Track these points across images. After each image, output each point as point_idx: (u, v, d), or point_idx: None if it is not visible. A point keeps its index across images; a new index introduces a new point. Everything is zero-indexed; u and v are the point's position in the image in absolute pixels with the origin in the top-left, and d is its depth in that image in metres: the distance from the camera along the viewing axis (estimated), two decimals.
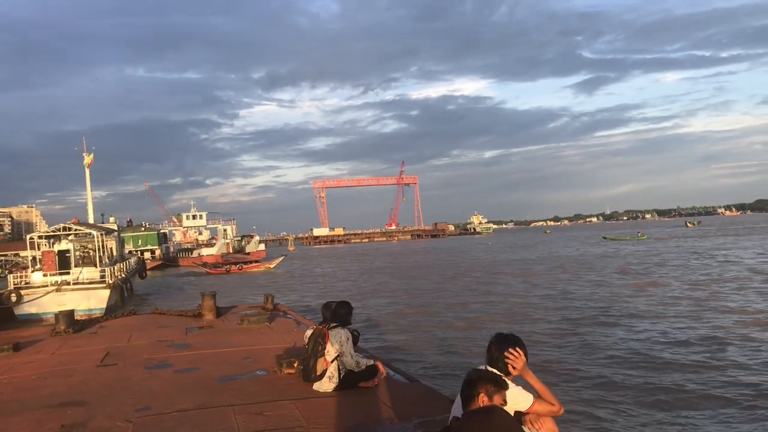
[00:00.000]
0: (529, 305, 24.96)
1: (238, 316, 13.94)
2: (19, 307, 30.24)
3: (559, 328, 19.09)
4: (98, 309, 31.43)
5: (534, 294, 28.93)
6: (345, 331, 6.99)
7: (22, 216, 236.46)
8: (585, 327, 19.00)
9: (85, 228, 37.31)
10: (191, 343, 10.85)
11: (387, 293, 33.62)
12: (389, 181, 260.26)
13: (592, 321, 20.15)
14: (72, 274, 32.20)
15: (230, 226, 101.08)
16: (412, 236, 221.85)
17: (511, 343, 3.98)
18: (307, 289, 40.25)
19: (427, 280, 40.87)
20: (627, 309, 22.49)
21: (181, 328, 12.63)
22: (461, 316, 22.76)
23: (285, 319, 13.71)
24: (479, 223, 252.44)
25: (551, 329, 18.87)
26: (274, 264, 69.86)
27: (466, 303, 26.93)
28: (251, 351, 9.72)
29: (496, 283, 35.93)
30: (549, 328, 19.06)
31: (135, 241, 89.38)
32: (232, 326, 12.67)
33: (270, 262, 70.97)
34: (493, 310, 24.13)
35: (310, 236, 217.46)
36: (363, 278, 47.10)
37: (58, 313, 13.14)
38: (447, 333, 19.21)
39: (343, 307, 7.23)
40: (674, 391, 11.39)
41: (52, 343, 11.80)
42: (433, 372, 13.34)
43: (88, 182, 47.76)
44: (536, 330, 18.70)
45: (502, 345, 3.97)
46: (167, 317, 14.81)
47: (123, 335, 12.18)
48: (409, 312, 25.10)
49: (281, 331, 11.81)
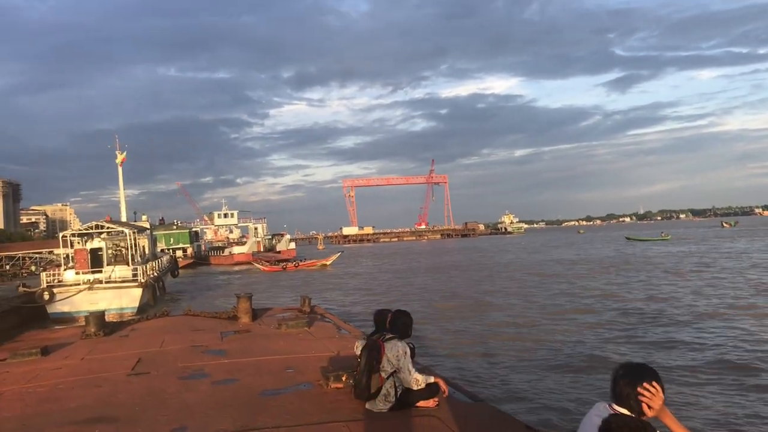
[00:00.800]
0: (586, 310, 23.36)
1: (275, 320, 13.25)
2: (52, 305, 30.08)
3: (635, 337, 17.29)
4: (130, 308, 31.18)
5: (586, 296, 27.51)
6: (403, 344, 6.16)
7: (56, 214, 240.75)
8: (662, 335, 17.61)
9: (118, 226, 37.12)
10: (227, 349, 10.15)
11: (428, 294, 32.51)
12: (419, 180, 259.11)
13: (665, 327, 18.87)
14: (104, 272, 31.98)
15: (261, 225, 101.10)
16: (442, 236, 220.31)
17: (647, 377, 3.12)
18: (342, 289, 39.56)
19: (468, 281, 39.66)
20: (693, 311, 21.36)
21: (215, 332, 11.96)
22: (515, 323, 21.15)
23: (324, 323, 12.97)
24: (510, 222, 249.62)
25: (626, 338, 17.29)
26: (330, 261, 67.92)
27: (515, 306, 25.64)
28: (292, 360, 8.97)
29: (542, 284, 34.41)
30: (622, 337, 17.35)
31: (167, 239, 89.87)
32: (269, 331, 11.96)
33: (326, 259, 69.00)
34: (547, 317, 22.54)
35: (339, 235, 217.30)
36: (399, 278, 46.13)
37: (88, 315, 12.58)
38: (504, 343, 17.54)
39: (402, 316, 6.39)
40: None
41: (82, 347, 11.23)
42: (497, 390, 12.06)
43: (121, 180, 47.84)
44: (607, 340, 17.10)
45: (634, 379, 3.11)
46: (201, 319, 14.19)
47: (155, 339, 11.56)
48: (456, 316, 23.81)
49: (322, 336, 11.06)
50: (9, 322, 28.35)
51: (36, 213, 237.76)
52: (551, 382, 12.28)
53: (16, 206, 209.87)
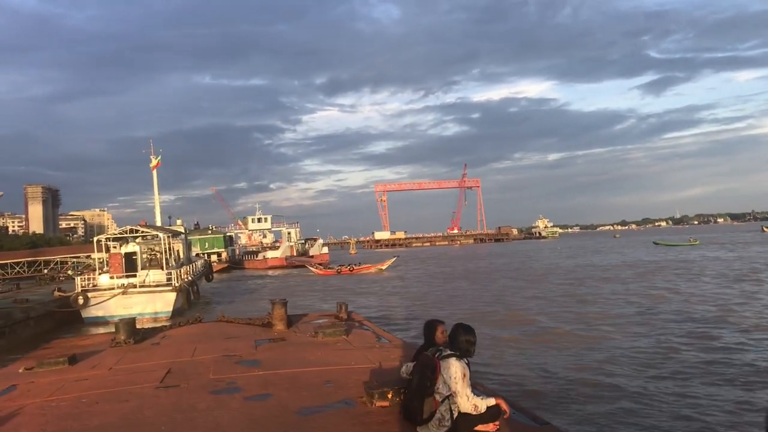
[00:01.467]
0: (648, 318, 21.93)
1: (311, 327, 12.61)
2: (86, 309, 30.03)
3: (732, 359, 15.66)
4: (164, 312, 30.98)
5: (640, 304, 26.19)
6: (461, 365, 5.41)
7: (94, 219, 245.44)
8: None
9: (152, 230, 37.08)
10: (262, 359, 9.53)
11: (470, 300, 31.58)
12: (451, 185, 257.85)
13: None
14: (138, 276, 31.85)
15: (294, 229, 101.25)
16: (475, 240, 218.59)
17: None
18: (377, 294, 38.90)
19: (510, 287, 38.45)
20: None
21: (249, 340, 11.37)
22: (572, 331, 19.79)
23: (362, 331, 12.28)
24: (545, 227, 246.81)
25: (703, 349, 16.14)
26: (386, 265, 65.51)
27: (566, 312, 24.55)
28: (331, 372, 8.29)
29: (596, 290, 33.25)
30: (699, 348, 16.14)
31: (202, 243, 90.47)
32: (305, 339, 11.32)
33: (381, 264, 66.22)
34: (607, 322, 21.57)
35: (371, 240, 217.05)
36: (438, 283, 45.18)
37: (118, 322, 12.10)
38: (564, 354, 16.20)
39: (463, 332, 5.61)
40: None
41: (111, 356, 10.73)
42: (562, 409, 11.10)
43: (155, 184, 48.03)
44: (682, 353, 15.80)
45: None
46: (235, 326, 13.63)
47: (187, 347, 11.01)
48: (506, 323, 22.74)
49: (361, 346, 10.37)
50: (44, 327, 28.35)
51: (75, 218, 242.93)
52: (625, 401, 11.35)
53: (55, 211, 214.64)
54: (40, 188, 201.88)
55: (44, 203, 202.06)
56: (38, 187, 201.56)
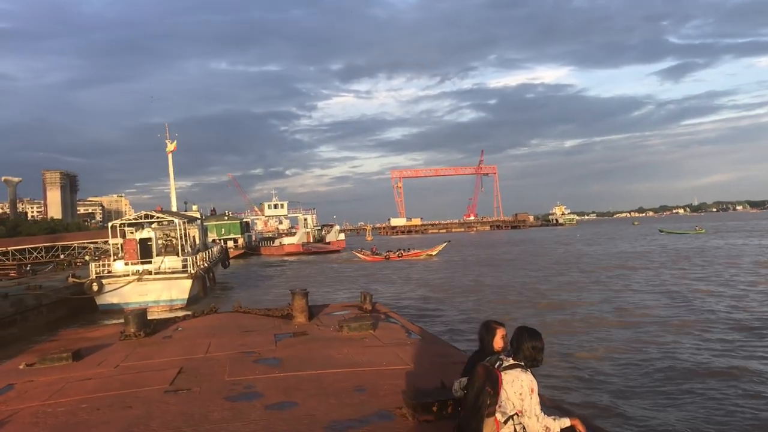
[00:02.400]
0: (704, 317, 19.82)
1: (334, 319, 11.71)
2: (101, 296, 29.36)
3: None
4: (180, 300, 30.29)
5: (692, 295, 24.64)
6: (529, 377, 4.43)
7: (112, 205, 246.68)
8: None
9: (168, 216, 36.35)
10: (282, 357, 8.62)
11: (502, 289, 30.08)
12: (467, 171, 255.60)
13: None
14: (153, 263, 31.13)
15: (310, 216, 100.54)
16: (492, 227, 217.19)
17: None
18: (395, 282, 37.99)
19: (540, 275, 36.88)
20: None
21: (268, 334, 10.48)
22: (634, 334, 17.25)
23: (390, 324, 11.35)
24: (562, 213, 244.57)
25: None
26: (435, 251, 62.48)
27: (620, 309, 22.21)
28: (361, 375, 7.36)
29: (633, 281, 31.16)
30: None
31: (218, 229, 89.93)
32: (329, 333, 10.40)
33: (431, 249, 63.28)
34: (658, 314, 20.01)
35: (387, 226, 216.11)
36: (460, 270, 43.52)
37: (128, 314, 11.26)
38: (632, 360, 14.14)
39: (529, 337, 4.59)
40: None
41: (118, 351, 9.89)
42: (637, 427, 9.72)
43: (171, 169, 47.35)
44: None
45: None
46: (252, 317, 12.76)
47: (201, 342, 10.14)
48: (548, 315, 21.11)
49: (390, 342, 9.44)
50: (57, 314, 27.75)
51: (93, 204, 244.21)
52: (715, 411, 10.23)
53: (73, 197, 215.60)
54: (58, 174, 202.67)
55: (62, 189, 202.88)
56: (56, 172, 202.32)
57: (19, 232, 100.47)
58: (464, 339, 16.34)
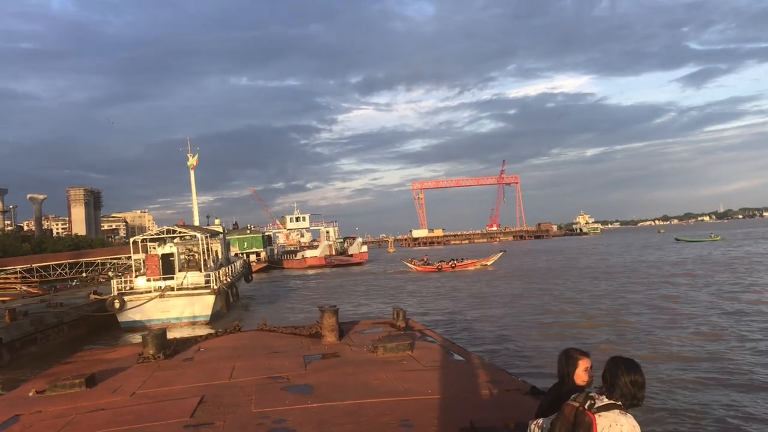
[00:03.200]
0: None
1: (366, 338, 10.87)
2: (123, 314, 28.80)
3: None
4: (203, 316, 29.66)
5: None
6: (631, 422, 3.53)
7: (135, 221, 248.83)
8: None
9: (190, 230, 35.84)
10: (314, 384, 7.78)
11: (541, 302, 28.39)
12: (489, 181, 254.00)
13: None
14: (176, 279, 30.54)
15: (333, 228, 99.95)
16: (515, 237, 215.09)
17: None
18: (439, 295, 37.00)
19: (578, 286, 35.07)
20: None
21: (297, 357, 9.66)
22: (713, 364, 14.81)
23: (427, 343, 10.46)
24: (585, 223, 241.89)
25: None
26: (491, 261, 59.40)
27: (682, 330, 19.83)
28: (405, 406, 6.49)
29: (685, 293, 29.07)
30: None
31: (241, 243, 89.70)
32: (362, 355, 9.54)
33: (487, 259, 60.36)
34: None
35: (409, 238, 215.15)
36: (492, 284, 41.08)
37: (146, 334, 10.51)
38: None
39: (627, 370, 3.67)
40: None
41: (135, 376, 9.13)
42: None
43: (193, 183, 47.03)
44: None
45: None
46: (278, 336, 11.95)
47: (224, 366, 9.34)
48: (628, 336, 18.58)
49: (432, 365, 8.55)
50: (78, 332, 27.24)
51: (116, 220, 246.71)
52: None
53: (97, 213, 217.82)
54: (82, 191, 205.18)
55: (86, 205, 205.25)
56: (80, 189, 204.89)
57: (44, 248, 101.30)
58: (515, 362, 14.91)
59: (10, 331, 21.09)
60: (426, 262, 59.00)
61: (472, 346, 15.02)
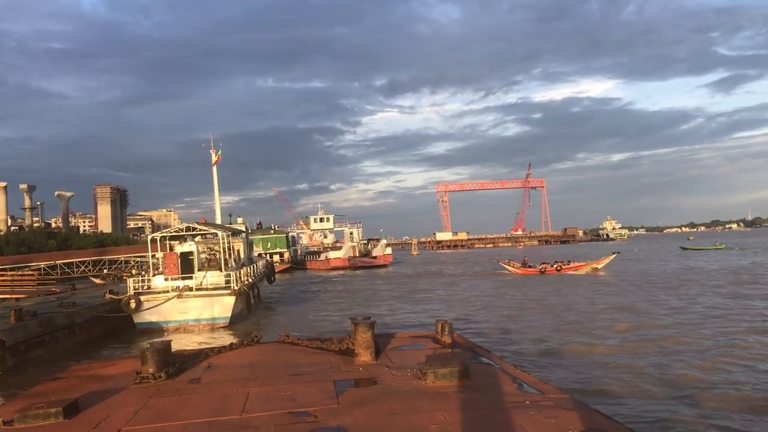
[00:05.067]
0: None
1: (407, 357, 9.04)
2: (139, 314, 27.34)
3: None
4: (222, 318, 28.16)
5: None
6: None
7: (161, 219, 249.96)
8: None
9: (210, 228, 34.32)
10: (350, 425, 5.96)
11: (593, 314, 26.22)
12: (514, 185, 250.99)
13: None
14: (195, 278, 29.02)
15: (356, 230, 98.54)
16: (540, 242, 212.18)
17: None
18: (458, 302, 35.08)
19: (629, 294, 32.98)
20: None
21: (325, 381, 7.84)
22: None
23: (484, 367, 8.56)
24: (612, 228, 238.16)
25: None
26: (602, 264, 54.65)
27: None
28: None
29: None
30: None
31: (264, 243, 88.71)
32: (407, 382, 7.66)
33: (597, 261, 55.97)
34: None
35: (432, 240, 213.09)
36: (601, 291, 36.57)
37: (145, 350, 8.76)
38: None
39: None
40: None
41: (128, 403, 7.38)
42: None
43: (215, 180, 45.64)
44: None
45: None
46: (302, 352, 10.15)
47: (236, 392, 7.56)
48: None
49: (499, 399, 6.68)
50: (92, 334, 25.82)
51: (143, 218, 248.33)
52: None
53: (123, 211, 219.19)
54: (109, 189, 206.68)
55: (113, 203, 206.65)
56: (107, 187, 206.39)
57: (70, 245, 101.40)
58: (609, 400, 12.46)
59: (15, 332, 19.63)
60: (527, 264, 55.19)
61: (537, 369, 13.00)
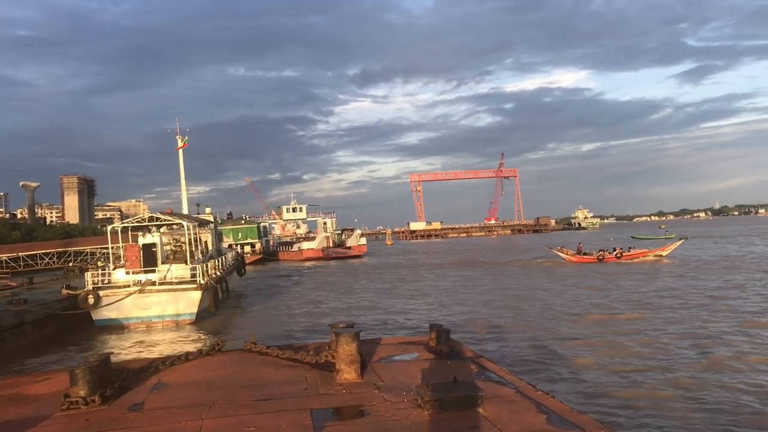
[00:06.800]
0: None
1: (399, 371, 7.48)
2: (97, 311, 25.48)
3: None
4: (187, 314, 26.44)
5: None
6: None
7: (131, 210, 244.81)
8: None
9: (176, 218, 32.37)
10: None
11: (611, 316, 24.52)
12: (488, 174, 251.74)
13: None
14: (158, 272, 27.18)
15: (330, 220, 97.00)
16: (513, 231, 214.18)
17: None
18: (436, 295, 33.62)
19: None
20: None
21: (300, 410, 6.20)
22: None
23: (492, 385, 7.00)
24: (584, 217, 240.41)
25: None
26: (666, 251, 51.74)
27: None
28: None
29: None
30: None
31: (235, 234, 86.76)
32: (405, 413, 6.03)
33: (662, 249, 52.71)
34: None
35: (406, 230, 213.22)
36: (663, 281, 35.40)
37: (75, 368, 7.04)
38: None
39: None
40: None
41: None
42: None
43: (182, 167, 43.76)
44: None
45: None
46: (272, 365, 8.46)
47: (186, 426, 5.91)
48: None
49: None
50: (45, 333, 23.84)
51: (111, 209, 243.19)
52: None
53: (91, 202, 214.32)
54: (76, 179, 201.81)
55: (80, 193, 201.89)
56: (74, 177, 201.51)
57: (35, 237, 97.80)
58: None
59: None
60: (581, 251, 52.45)
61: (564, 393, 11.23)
